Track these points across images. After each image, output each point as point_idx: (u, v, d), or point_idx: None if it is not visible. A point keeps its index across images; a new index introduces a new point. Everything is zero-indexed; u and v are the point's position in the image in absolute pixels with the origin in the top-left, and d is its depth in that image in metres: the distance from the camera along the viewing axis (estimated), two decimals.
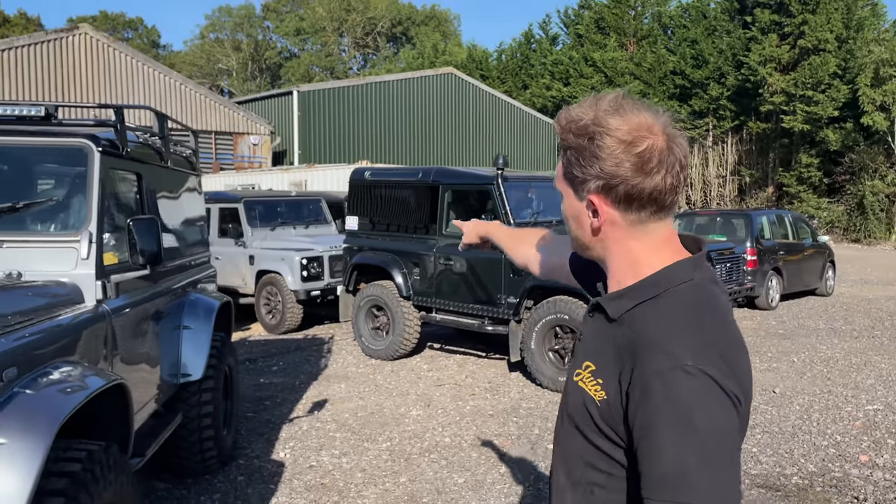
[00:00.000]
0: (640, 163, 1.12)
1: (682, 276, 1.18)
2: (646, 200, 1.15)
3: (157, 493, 4.46)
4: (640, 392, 1.07)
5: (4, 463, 2.10)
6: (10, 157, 3.36)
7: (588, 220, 1.21)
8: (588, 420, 1.19)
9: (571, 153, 1.19)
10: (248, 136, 22.76)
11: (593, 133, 1.14)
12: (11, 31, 39.99)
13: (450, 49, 44.52)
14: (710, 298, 1.18)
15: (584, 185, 1.18)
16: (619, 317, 1.19)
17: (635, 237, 1.20)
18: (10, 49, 18.70)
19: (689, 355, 1.05)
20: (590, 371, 1.21)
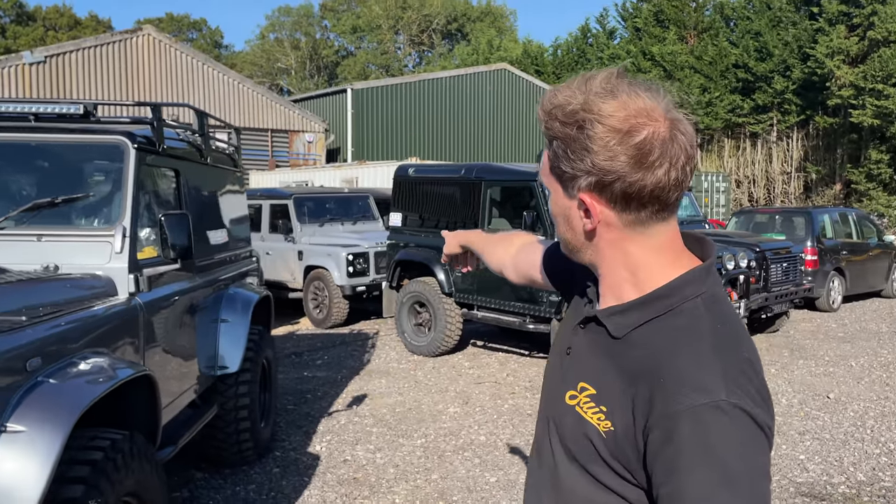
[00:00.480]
0: (639, 155, 0.95)
1: (695, 288, 1.02)
2: (646, 199, 0.98)
3: (195, 481, 4.56)
4: (663, 432, 0.91)
5: (24, 450, 2.18)
6: (51, 154, 3.49)
7: (580, 221, 1.04)
8: (592, 454, 1.02)
9: (558, 144, 1.01)
10: (303, 133, 23.14)
11: (583, 120, 0.96)
12: (82, 33, 41.61)
13: (505, 45, 44.31)
14: (731, 315, 1.04)
15: (573, 181, 1.01)
16: (624, 335, 1.03)
17: (634, 240, 1.03)
18: (79, 50, 19.46)
19: (722, 389, 0.91)
20: (588, 395, 1.04)
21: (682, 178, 0.99)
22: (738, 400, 0.90)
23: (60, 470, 2.32)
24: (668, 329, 1.00)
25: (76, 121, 3.54)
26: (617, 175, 0.96)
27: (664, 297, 1.02)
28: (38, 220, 3.28)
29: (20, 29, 45.77)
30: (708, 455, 0.87)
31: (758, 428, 0.91)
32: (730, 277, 6.85)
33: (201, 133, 4.56)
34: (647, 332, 1.01)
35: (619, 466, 0.99)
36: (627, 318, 1.04)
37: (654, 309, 1.02)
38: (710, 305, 1.02)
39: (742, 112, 32.90)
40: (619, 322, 1.04)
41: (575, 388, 1.07)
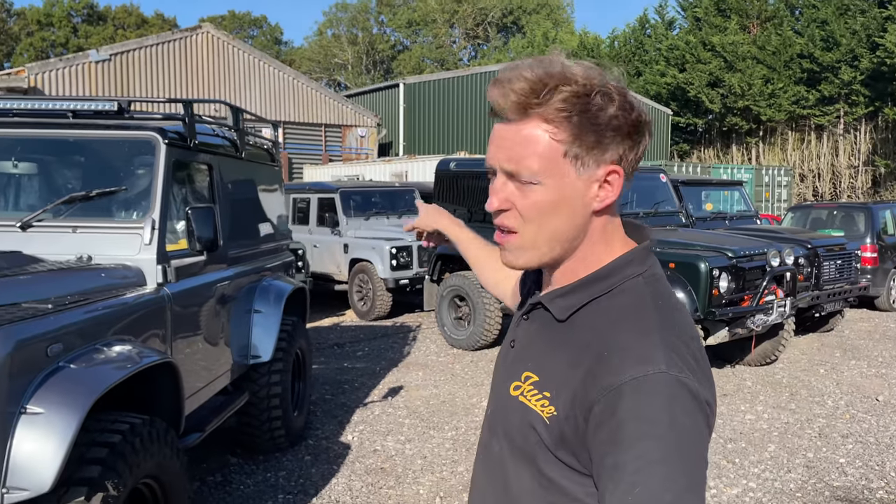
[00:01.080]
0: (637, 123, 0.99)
1: (636, 268, 1.02)
2: (634, 167, 1.01)
3: (229, 466, 4.71)
4: (606, 405, 0.89)
5: (42, 431, 2.30)
6: (87, 149, 3.64)
7: (590, 200, 1.00)
8: (537, 443, 0.98)
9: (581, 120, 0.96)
10: (356, 128, 23.42)
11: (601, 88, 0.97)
12: (149, 31, 43.01)
13: (561, 37, 43.84)
14: (670, 293, 1.04)
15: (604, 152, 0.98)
16: (567, 317, 1.02)
17: (611, 221, 1.04)
18: (141, 48, 20.14)
19: (663, 360, 0.90)
20: (531, 383, 1.01)
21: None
22: (679, 372, 0.90)
23: (79, 451, 2.44)
24: (610, 307, 0.99)
25: (111, 117, 3.69)
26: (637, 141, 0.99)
27: (606, 276, 1.01)
28: (73, 212, 3.43)
29: (91, 28, 47.62)
30: (649, 427, 0.87)
31: (695, 401, 0.90)
32: (774, 274, 6.65)
33: (236, 128, 4.68)
34: (590, 312, 1.00)
35: (564, 453, 0.96)
36: (570, 299, 1.02)
37: (597, 289, 1.01)
38: (652, 283, 1.02)
39: (807, 104, 31.75)
40: (562, 304, 1.03)
41: (519, 378, 1.04)
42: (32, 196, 3.64)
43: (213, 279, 4.00)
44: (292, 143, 22.18)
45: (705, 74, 33.37)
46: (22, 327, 2.38)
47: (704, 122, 36.74)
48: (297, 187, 11.98)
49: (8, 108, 3.72)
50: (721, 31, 34.74)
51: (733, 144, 34.88)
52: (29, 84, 17.82)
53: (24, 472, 2.25)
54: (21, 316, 2.46)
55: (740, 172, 21.17)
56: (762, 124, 33.77)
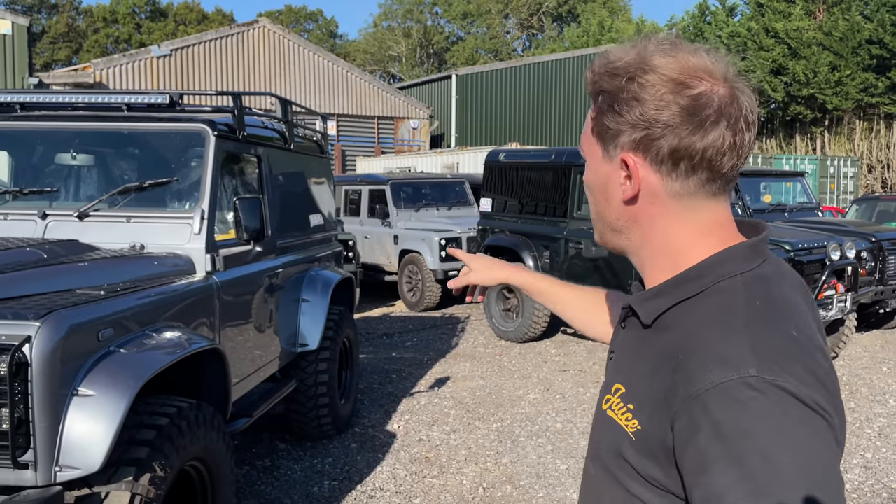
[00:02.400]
0: (693, 108, 0.85)
1: (735, 265, 0.89)
2: (696, 162, 0.86)
3: (278, 451, 4.81)
4: (689, 419, 0.77)
5: (93, 413, 2.39)
6: (140, 141, 3.76)
7: (619, 188, 0.92)
8: (622, 463, 0.89)
9: (604, 98, 0.91)
10: (409, 120, 23.52)
11: (634, 72, 0.88)
12: (209, 27, 44.04)
13: (617, 25, 43.06)
14: (778, 296, 0.87)
15: (616, 138, 0.90)
16: (653, 321, 0.91)
17: (679, 217, 0.90)
18: (201, 43, 20.64)
19: (752, 362, 0.77)
20: (619, 395, 0.92)
21: (740, 146, 0.87)
22: (775, 377, 0.76)
23: (128, 433, 2.53)
24: (698, 308, 0.87)
25: (163, 110, 3.79)
26: (666, 128, 0.86)
27: (697, 276, 0.89)
28: (128, 202, 3.55)
29: (153, 24, 49.02)
30: (743, 444, 0.73)
31: (805, 407, 0.75)
32: (834, 268, 6.41)
33: (285, 120, 4.75)
34: (676, 315, 0.89)
35: (649, 472, 0.84)
36: (658, 301, 0.91)
37: (686, 290, 0.89)
38: (753, 284, 0.88)
39: (876, 91, 30.47)
40: (649, 307, 0.92)
41: (610, 391, 0.95)
42: (89, 186, 3.77)
43: (261, 268, 4.08)
44: (346, 136, 22.42)
45: (768, 62, 32.34)
46: (75, 312, 2.47)
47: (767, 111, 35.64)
48: (349, 179, 12.12)
49: (67, 102, 3.86)
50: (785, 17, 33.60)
51: (797, 134, 33.77)
52: (95, 79, 18.47)
53: (76, 451, 2.35)
54: (74, 301, 2.55)
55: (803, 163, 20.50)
56: (828, 113, 32.59)
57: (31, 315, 2.35)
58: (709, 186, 0.89)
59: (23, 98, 3.91)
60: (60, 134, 3.77)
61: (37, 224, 3.45)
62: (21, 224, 3.45)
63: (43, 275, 2.82)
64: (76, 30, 48.70)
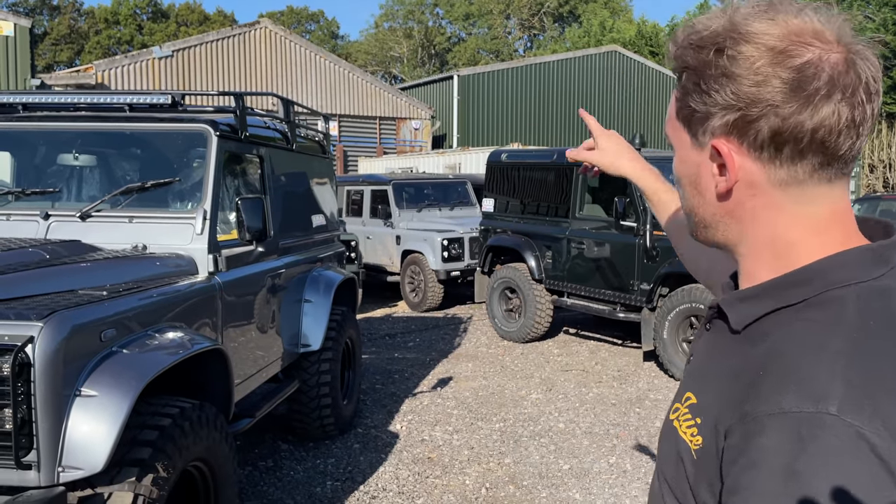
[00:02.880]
0: (799, 80, 0.70)
1: (851, 272, 0.74)
2: (806, 145, 0.72)
3: (280, 452, 4.81)
4: (741, 437, 0.69)
5: (95, 413, 2.38)
6: (142, 142, 3.76)
7: (711, 179, 0.79)
8: (683, 481, 0.79)
9: (689, 76, 0.78)
10: (410, 120, 23.52)
11: (723, 42, 0.74)
12: (211, 28, 44.06)
13: (618, 26, 43.04)
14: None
15: (705, 122, 0.77)
16: (744, 328, 0.78)
17: (785, 209, 0.76)
18: (202, 44, 20.64)
19: (837, 396, 0.65)
20: (688, 406, 0.82)
21: (860, 121, 0.72)
22: (859, 421, 0.63)
23: (131, 433, 2.52)
24: (798, 320, 0.74)
25: (165, 110, 3.79)
26: (766, 107, 0.72)
27: (803, 281, 0.75)
28: (130, 203, 3.55)
29: (155, 26, 49.08)
30: (785, 485, 0.63)
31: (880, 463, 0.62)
32: None
33: (287, 121, 4.75)
34: (771, 325, 0.76)
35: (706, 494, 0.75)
36: (751, 306, 0.78)
37: (788, 296, 0.75)
38: (870, 298, 0.72)
39: None
40: (742, 310, 0.79)
41: (680, 400, 0.85)
42: (92, 187, 3.77)
43: (263, 269, 4.07)
44: (347, 136, 22.42)
45: None
46: (77, 313, 2.47)
47: None
48: (351, 179, 12.13)
49: (69, 103, 3.86)
50: None
51: None
52: (96, 80, 18.48)
53: (79, 451, 2.34)
54: (77, 302, 2.55)
55: None
56: None
57: (33, 315, 2.35)
58: (822, 172, 0.74)
59: (25, 99, 3.91)
60: (63, 134, 3.77)
61: (39, 224, 3.45)
62: (24, 224, 3.45)
63: (45, 275, 2.81)
64: (78, 31, 48.77)
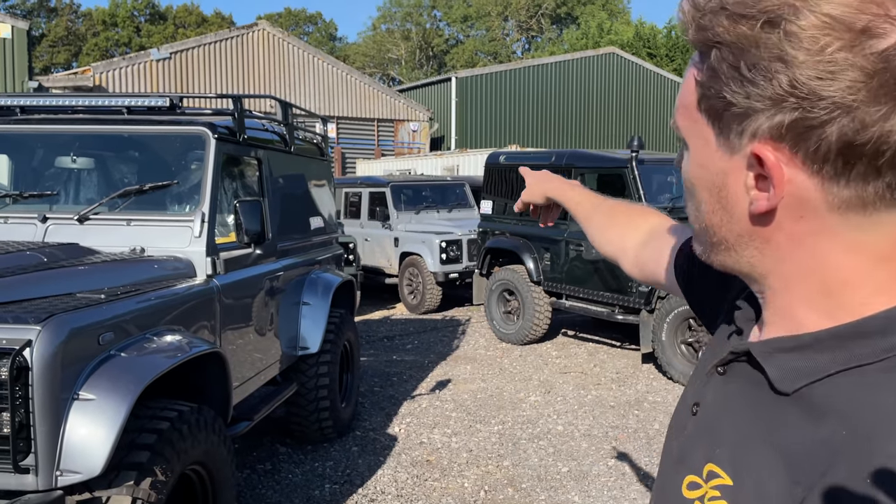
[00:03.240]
0: (886, 73, 0.50)
1: None
2: (887, 160, 0.52)
3: (278, 455, 4.80)
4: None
5: (93, 417, 2.38)
6: (140, 144, 3.75)
7: (744, 194, 0.59)
8: None
9: (723, 54, 0.56)
10: (408, 122, 23.53)
11: (778, 9, 0.52)
12: (209, 30, 44.07)
13: (616, 28, 43.11)
14: None
15: (744, 120, 0.56)
16: (796, 390, 0.59)
17: (843, 237, 0.57)
18: (200, 46, 20.64)
19: None
20: (719, 486, 0.63)
21: None
22: None
23: (129, 437, 2.52)
24: (885, 385, 0.55)
25: (164, 113, 3.78)
26: (838, 108, 0.51)
27: (880, 332, 0.56)
28: (128, 205, 3.54)
29: (153, 27, 49.07)
30: None
31: None
32: None
33: (285, 123, 4.75)
34: (841, 391, 0.57)
35: None
36: (807, 359, 0.59)
37: (860, 351, 0.56)
38: None
39: None
40: (791, 366, 0.60)
41: (699, 473, 0.66)
42: (90, 190, 3.77)
43: (261, 271, 4.07)
44: (346, 138, 22.43)
45: None
46: (75, 316, 2.47)
47: None
48: (349, 181, 12.12)
49: (67, 105, 3.86)
50: None
51: None
52: (94, 82, 18.47)
53: (77, 455, 2.34)
54: (75, 305, 2.55)
55: None
56: None
57: (31, 319, 2.35)
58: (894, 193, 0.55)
59: (23, 101, 3.90)
60: (61, 137, 3.76)
61: (37, 227, 3.44)
62: (21, 227, 3.44)
63: (43, 278, 2.81)
64: (75, 33, 48.75)
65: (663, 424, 5.37)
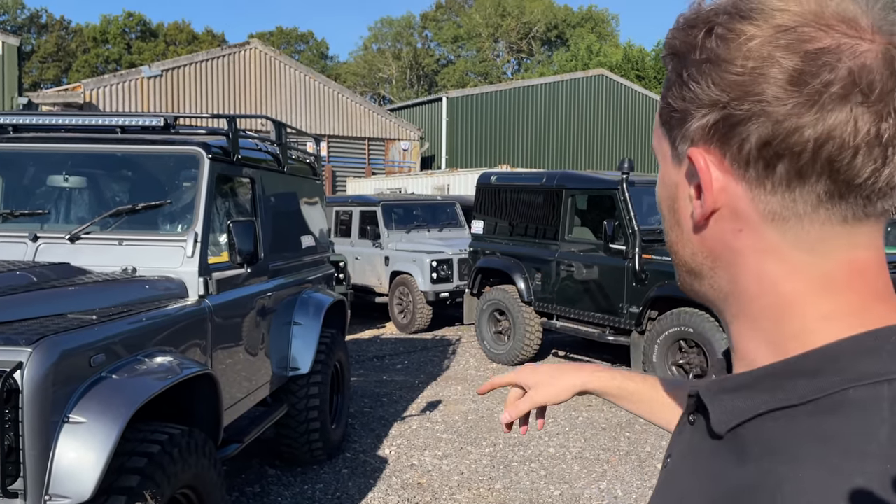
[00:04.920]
0: (805, 73, 0.50)
1: (884, 363, 0.51)
2: (806, 162, 0.51)
3: (267, 477, 4.74)
4: None
5: (84, 440, 2.34)
6: (133, 163, 3.74)
7: (688, 204, 0.58)
8: None
9: (674, 64, 0.58)
10: (399, 141, 23.60)
11: (717, 18, 0.54)
12: (199, 47, 44.17)
13: (605, 50, 43.58)
14: None
15: (683, 125, 0.56)
16: (729, 431, 0.56)
17: (782, 253, 0.55)
18: (192, 64, 20.67)
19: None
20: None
21: (889, 138, 0.50)
22: None
23: (119, 460, 2.48)
24: (805, 429, 0.51)
25: (157, 132, 3.78)
26: (757, 104, 0.51)
27: (811, 371, 0.53)
28: (120, 225, 3.52)
29: (144, 45, 49.14)
30: None
31: None
32: None
33: (279, 143, 4.75)
34: (764, 433, 0.53)
35: None
36: (744, 399, 0.55)
37: (790, 391, 0.53)
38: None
39: None
40: (727, 406, 0.56)
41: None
42: (81, 209, 3.75)
43: (253, 291, 4.05)
44: (336, 157, 22.46)
45: None
46: (66, 338, 2.44)
47: None
48: (340, 200, 12.12)
49: (60, 124, 3.84)
50: None
51: None
52: (84, 99, 18.43)
53: (66, 480, 2.30)
54: (66, 327, 2.52)
55: None
56: None
57: (22, 340, 2.32)
58: (832, 206, 0.52)
59: (16, 120, 3.88)
60: (53, 156, 3.75)
61: (28, 247, 3.41)
62: (12, 247, 3.41)
63: (34, 299, 2.78)
64: (65, 49, 48.71)
65: (654, 447, 5.36)
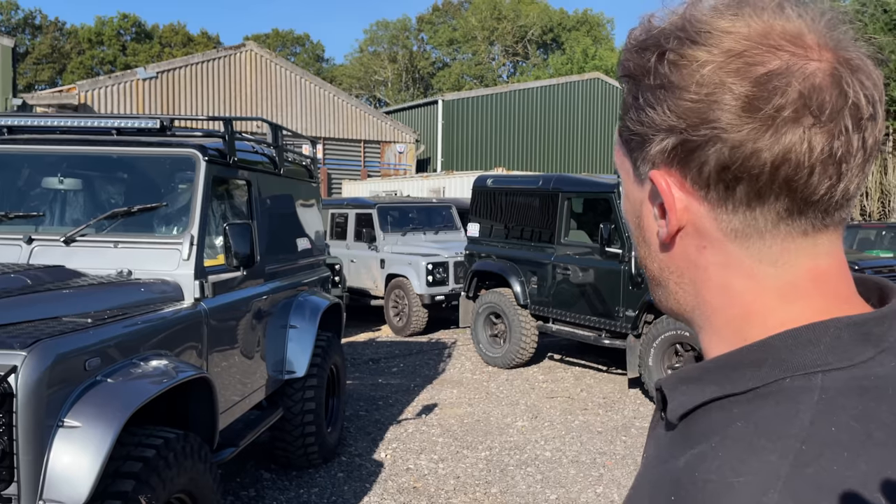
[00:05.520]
0: (759, 97, 0.52)
1: (820, 355, 0.53)
2: (765, 184, 0.53)
3: (263, 481, 4.72)
4: None
5: (78, 445, 2.32)
6: (129, 166, 3.72)
7: (654, 223, 0.61)
8: None
9: (629, 87, 0.59)
10: (395, 144, 23.60)
11: (667, 43, 0.56)
12: (195, 49, 44.08)
13: (600, 53, 43.66)
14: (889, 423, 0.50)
15: (643, 147, 0.59)
16: (678, 420, 0.58)
17: (745, 267, 0.57)
18: (187, 66, 20.64)
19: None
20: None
21: (842, 155, 0.52)
22: None
23: (114, 465, 2.46)
24: (738, 416, 0.53)
25: (153, 134, 3.76)
26: (713, 130, 0.53)
27: (754, 362, 0.54)
28: (115, 227, 3.50)
29: (139, 46, 49.03)
30: None
31: None
32: None
33: (275, 145, 4.74)
34: (704, 421, 0.56)
35: None
36: (691, 390, 0.58)
37: (735, 380, 0.55)
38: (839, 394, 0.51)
39: None
40: (680, 397, 0.58)
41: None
42: (77, 211, 3.72)
43: (249, 294, 4.03)
44: (332, 159, 22.44)
45: None
46: (61, 341, 2.42)
47: None
48: (335, 203, 12.10)
49: (55, 126, 3.82)
50: None
51: None
52: (79, 101, 18.38)
53: (60, 484, 2.28)
54: (61, 330, 2.50)
55: None
56: None
57: (17, 344, 2.30)
58: (793, 221, 0.55)
59: (11, 121, 3.86)
60: (48, 157, 3.73)
61: (22, 249, 3.39)
62: (6, 249, 3.39)
63: (28, 302, 2.76)
64: (60, 51, 48.57)
65: None
